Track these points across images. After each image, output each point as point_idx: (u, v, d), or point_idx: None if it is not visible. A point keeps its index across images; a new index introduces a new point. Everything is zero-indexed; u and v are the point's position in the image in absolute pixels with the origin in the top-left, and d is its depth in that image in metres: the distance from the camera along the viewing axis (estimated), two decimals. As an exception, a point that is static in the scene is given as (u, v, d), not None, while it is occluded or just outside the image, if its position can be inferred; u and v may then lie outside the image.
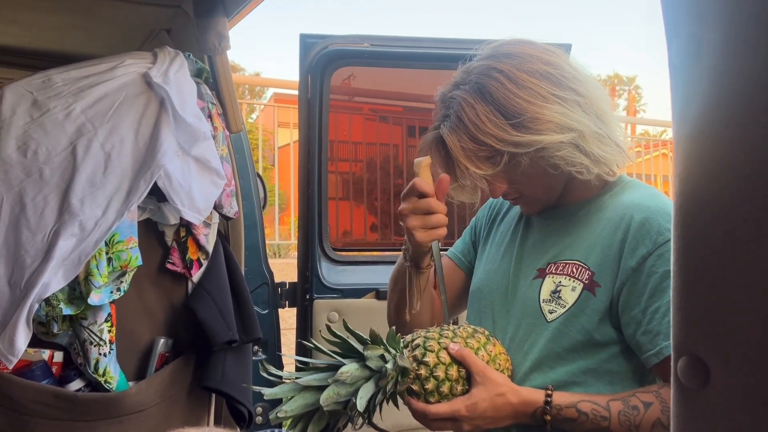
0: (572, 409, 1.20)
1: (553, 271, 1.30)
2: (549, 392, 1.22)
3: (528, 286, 1.33)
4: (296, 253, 2.65)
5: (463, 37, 2.41)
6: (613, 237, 1.25)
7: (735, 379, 0.47)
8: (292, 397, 1.15)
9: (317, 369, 1.19)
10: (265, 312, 2.45)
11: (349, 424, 1.20)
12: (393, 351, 1.20)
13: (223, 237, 2.06)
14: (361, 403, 1.13)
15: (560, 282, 1.29)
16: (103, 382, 1.74)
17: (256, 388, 1.22)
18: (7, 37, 2.07)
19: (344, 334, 1.22)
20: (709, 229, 0.49)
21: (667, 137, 11.80)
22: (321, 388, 1.14)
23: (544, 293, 1.30)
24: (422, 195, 1.36)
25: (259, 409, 2.32)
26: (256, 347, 2.36)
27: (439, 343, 1.24)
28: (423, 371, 1.21)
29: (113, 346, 1.77)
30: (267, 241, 2.75)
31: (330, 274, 2.51)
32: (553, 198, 1.34)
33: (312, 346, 1.26)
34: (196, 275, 1.92)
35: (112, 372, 1.76)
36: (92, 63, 1.79)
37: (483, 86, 1.24)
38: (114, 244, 1.71)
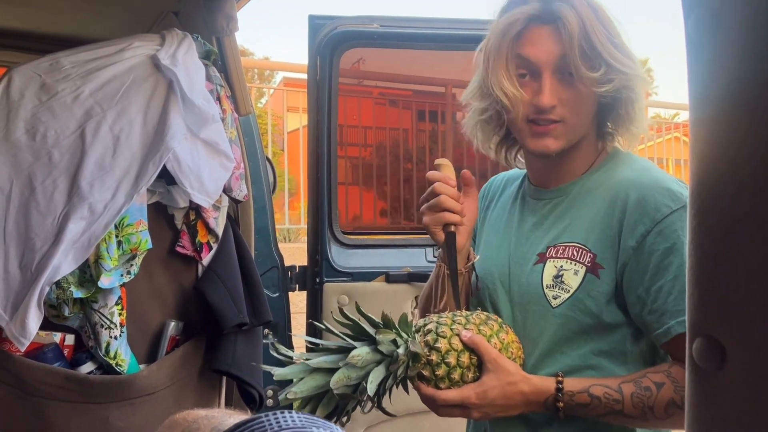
0: (584, 394, 1.18)
1: (554, 255, 1.28)
2: (560, 379, 1.20)
3: (529, 273, 1.30)
4: (306, 238, 2.65)
5: (476, 18, 2.38)
6: (611, 217, 1.23)
7: (752, 360, 0.46)
8: (301, 379, 1.14)
9: (327, 351, 1.18)
10: (275, 295, 2.45)
11: (358, 407, 1.19)
12: (405, 336, 1.19)
13: (232, 220, 2.06)
14: (371, 387, 1.12)
15: (562, 266, 1.26)
16: (114, 364, 1.75)
17: (266, 367, 1.21)
18: (15, 20, 2.06)
19: (355, 317, 1.21)
20: (726, 209, 0.48)
21: (679, 120, 11.70)
22: (331, 371, 1.13)
23: (547, 279, 1.27)
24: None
25: (270, 392, 2.33)
26: (266, 330, 2.37)
27: (451, 329, 1.22)
28: (434, 357, 1.19)
29: (124, 329, 1.77)
30: (277, 226, 2.75)
31: (340, 257, 2.51)
32: (577, 139, 1.29)
33: (323, 327, 1.25)
34: (206, 258, 1.92)
35: (123, 355, 1.76)
36: (100, 45, 1.78)
37: (589, 2, 1.22)
38: (124, 227, 1.71)
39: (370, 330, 1.18)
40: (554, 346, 1.26)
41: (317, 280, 2.47)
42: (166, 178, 1.77)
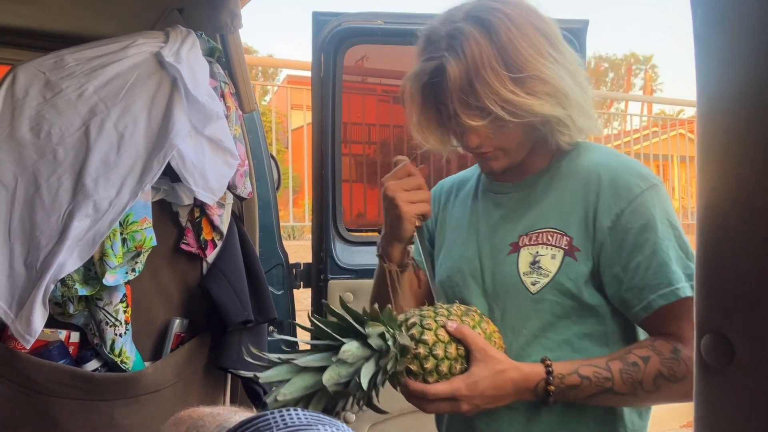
0: (574, 375, 1.18)
1: (527, 243, 1.28)
2: (548, 363, 1.20)
3: (504, 263, 1.30)
4: (310, 235, 2.64)
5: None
6: (584, 200, 1.25)
7: (761, 356, 0.45)
8: (289, 380, 1.12)
9: (314, 349, 1.16)
10: (280, 293, 2.45)
11: (346, 409, 1.17)
12: (391, 330, 1.17)
13: (237, 218, 2.06)
14: (365, 383, 1.10)
15: (537, 252, 1.26)
16: (119, 362, 1.75)
17: (245, 373, 1.18)
18: (19, 18, 2.06)
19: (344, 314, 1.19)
20: (734, 205, 0.48)
21: (684, 116, 11.67)
22: (320, 369, 1.11)
23: (523, 266, 1.27)
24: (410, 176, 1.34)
25: (275, 388, 2.33)
26: (271, 327, 2.37)
27: (436, 321, 1.21)
28: (421, 350, 1.18)
29: (129, 327, 1.78)
30: (281, 223, 2.74)
31: (344, 254, 2.50)
32: (521, 158, 1.31)
33: (312, 324, 1.21)
34: (211, 256, 1.92)
35: (128, 352, 1.77)
36: (104, 43, 1.78)
37: (491, 24, 1.18)
38: (128, 224, 1.71)
39: (357, 325, 1.15)
40: (537, 332, 1.26)
41: (322, 278, 2.47)
42: (170, 175, 1.77)
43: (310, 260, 2.57)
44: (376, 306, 1.16)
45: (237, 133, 1.93)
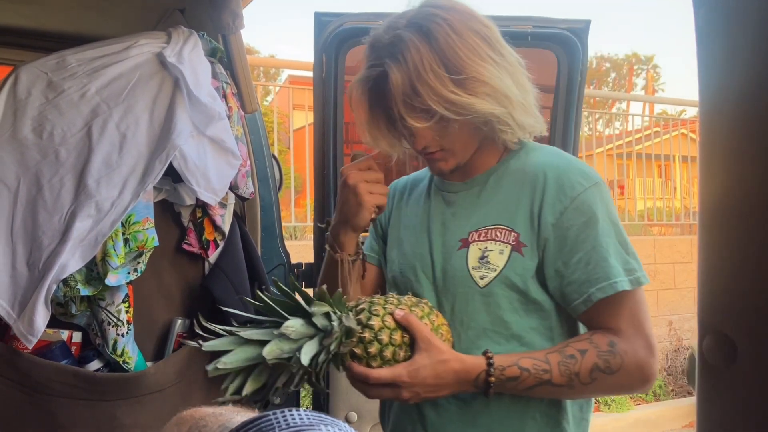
0: (514, 367, 1.23)
1: (476, 239, 1.33)
2: (490, 355, 1.24)
3: (454, 258, 1.34)
4: (312, 235, 2.64)
5: (482, 14, 2.37)
6: (531, 197, 1.30)
7: (764, 356, 0.45)
8: (232, 350, 1.13)
9: (260, 323, 1.18)
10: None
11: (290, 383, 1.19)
12: (338, 312, 1.19)
13: (239, 218, 2.06)
14: (305, 359, 1.11)
15: (486, 247, 1.31)
16: (121, 362, 1.75)
17: (191, 343, 1.19)
18: (21, 18, 2.06)
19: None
20: (736, 204, 0.48)
21: (686, 116, 11.65)
22: (263, 343, 1.13)
23: (472, 261, 1.32)
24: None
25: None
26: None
27: (384, 308, 1.24)
28: (367, 335, 1.20)
29: (131, 327, 1.78)
30: (283, 223, 2.74)
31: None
32: (468, 157, 1.36)
33: (260, 300, 1.22)
34: (213, 256, 1.92)
35: (130, 352, 1.77)
36: (106, 43, 1.78)
37: (430, 30, 1.24)
38: (130, 224, 1.71)
39: (305, 305, 1.17)
40: (486, 326, 1.31)
41: (323, 278, 2.47)
42: (172, 175, 1.77)
43: (312, 260, 2.56)
44: (324, 287, 1.19)
45: (239, 133, 1.93)
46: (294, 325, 1.14)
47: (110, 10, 2.03)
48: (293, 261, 2.55)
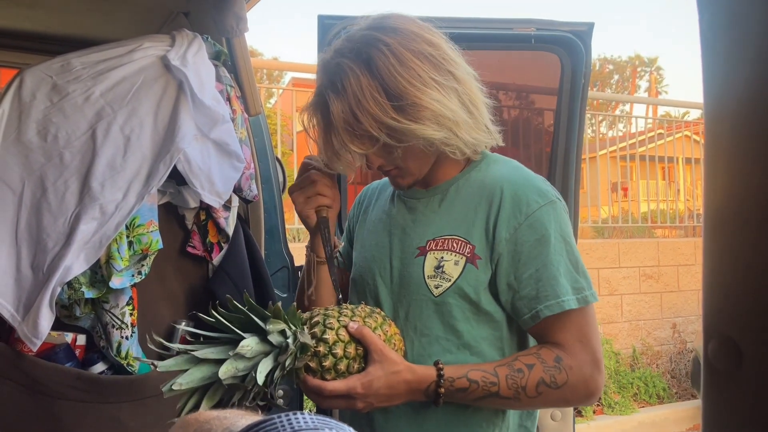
0: (463, 379, 1.25)
1: (434, 248, 1.35)
2: (440, 366, 1.26)
3: (410, 265, 1.37)
4: (316, 237, 2.63)
5: (485, 16, 2.37)
6: (487, 211, 1.32)
7: (770, 361, 0.45)
8: (186, 370, 1.14)
9: (214, 342, 1.18)
10: (285, 295, 2.45)
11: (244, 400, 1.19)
12: (293, 327, 1.20)
13: (243, 220, 2.06)
14: (260, 378, 1.12)
15: (443, 257, 1.33)
16: (125, 364, 1.75)
17: (147, 361, 1.19)
18: (26, 22, 2.07)
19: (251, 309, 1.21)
20: (741, 207, 0.48)
21: (689, 119, 11.63)
22: (218, 362, 1.13)
23: (428, 269, 1.34)
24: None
25: (281, 392, 2.33)
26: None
27: (338, 321, 1.25)
28: (322, 348, 1.22)
29: (135, 329, 1.78)
30: (287, 226, 2.74)
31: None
32: (425, 172, 1.38)
33: (214, 317, 1.22)
34: (217, 258, 1.92)
35: (134, 355, 1.77)
36: (110, 46, 1.78)
37: (370, 58, 1.25)
38: (135, 227, 1.72)
39: (260, 321, 1.17)
40: (439, 334, 1.33)
41: (327, 280, 2.47)
42: (176, 178, 1.77)
43: (315, 263, 2.56)
44: (279, 304, 1.20)
45: (243, 136, 1.93)
46: (250, 344, 1.14)
47: (115, 14, 2.03)
48: (297, 263, 2.55)
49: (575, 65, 2.10)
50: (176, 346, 1.18)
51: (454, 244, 1.33)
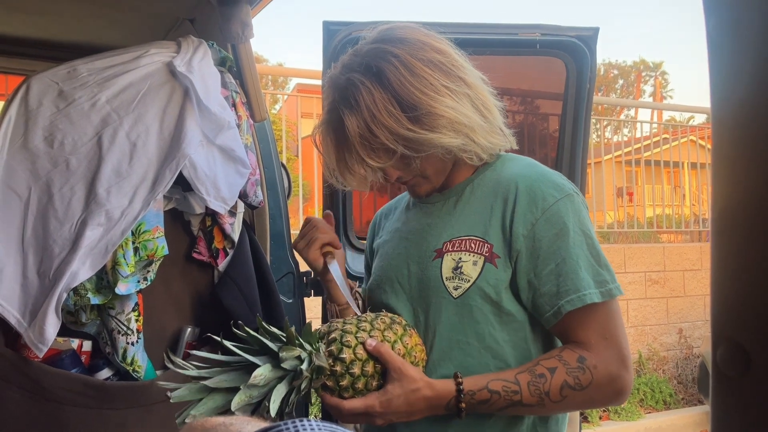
0: (484, 391, 1.22)
1: (450, 249, 1.33)
2: (459, 380, 1.23)
3: (428, 268, 1.35)
4: (321, 243, 2.63)
5: (492, 22, 2.37)
6: (503, 209, 1.30)
7: (779, 367, 0.45)
8: (200, 399, 1.11)
9: (227, 368, 1.15)
10: (290, 301, 2.45)
11: None
12: (308, 347, 1.17)
13: (248, 226, 2.06)
14: (273, 407, 1.10)
15: (460, 258, 1.31)
16: (131, 370, 1.75)
17: (164, 384, 1.17)
18: (33, 29, 2.08)
19: (277, 330, 1.19)
20: (750, 212, 0.47)
21: (694, 123, 11.60)
22: (231, 390, 1.10)
23: (446, 271, 1.32)
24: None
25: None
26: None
27: (356, 337, 1.23)
28: (339, 368, 1.20)
29: (141, 335, 1.78)
30: (292, 231, 2.75)
31: (355, 262, 2.50)
32: (443, 179, 1.38)
33: (226, 348, 1.20)
34: (222, 264, 1.92)
35: (140, 361, 1.77)
36: (116, 53, 1.79)
37: (381, 71, 1.25)
38: (140, 233, 1.72)
39: (273, 346, 1.15)
40: (459, 337, 1.30)
41: (332, 286, 2.46)
42: (182, 184, 1.78)
43: (320, 268, 2.56)
44: (292, 328, 1.18)
45: (248, 142, 1.94)
46: (263, 372, 1.11)
47: (121, 21, 2.04)
48: (302, 269, 2.55)
49: (580, 70, 2.10)
50: (192, 372, 1.15)
51: (472, 245, 1.30)
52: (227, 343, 1.17)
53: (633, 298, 6.42)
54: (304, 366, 1.14)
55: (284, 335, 1.17)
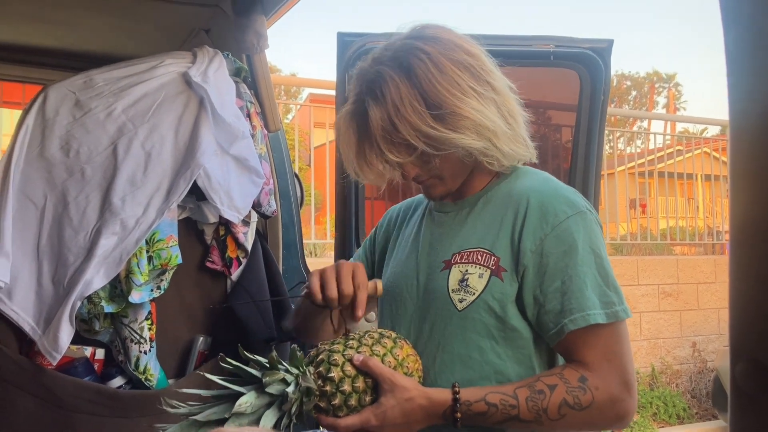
0: (481, 402, 1.20)
1: (458, 261, 1.31)
2: (456, 390, 1.21)
3: (435, 279, 1.34)
4: (332, 253, 2.64)
5: (504, 33, 2.38)
6: (513, 222, 1.28)
7: (800, 385, 0.44)
8: None
9: (215, 400, 1.15)
10: (302, 311, 2.45)
11: None
12: (295, 371, 1.16)
13: (261, 235, 2.07)
14: None
15: (467, 270, 1.29)
16: (143, 379, 1.75)
17: (172, 409, 1.18)
18: (51, 39, 2.10)
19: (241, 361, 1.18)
20: (766, 226, 0.47)
21: (708, 135, 11.55)
22: (221, 422, 1.10)
23: (452, 283, 1.30)
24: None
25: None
26: (293, 345, 2.36)
27: (343, 355, 1.21)
28: (329, 387, 1.18)
29: (153, 344, 1.78)
30: (304, 241, 2.75)
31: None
32: (459, 183, 1.37)
33: (208, 381, 1.20)
34: (236, 273, 1.92)
35: (152, 369, 1.77)
36: (132, 63, 1.81)
37: (410, 66, 1.25)
38: (154, 242, 1.73)
39: (256, 372, 1.14)
40: (462, 351, 1.28)
41: (344, 296, 2.46)
42: (196, 193, 1.78)
43: (332, 278, 2.56)
44: (274, 354, 1.17)
45: (262, 152, 1.94)
46: (248, 399, 1.10)
47: (137, 31, 2.06)
48: (314, 279, 2.55)
49: (594, 82, 2.09)
50: (183, 407, 1.15)
51: (479, 257, 1.29)
52: (208, 376, 1.17)
53: (646, 310, 6.37)
54: (290, 389, 1.13)
55: (267, 362, 1.15)
